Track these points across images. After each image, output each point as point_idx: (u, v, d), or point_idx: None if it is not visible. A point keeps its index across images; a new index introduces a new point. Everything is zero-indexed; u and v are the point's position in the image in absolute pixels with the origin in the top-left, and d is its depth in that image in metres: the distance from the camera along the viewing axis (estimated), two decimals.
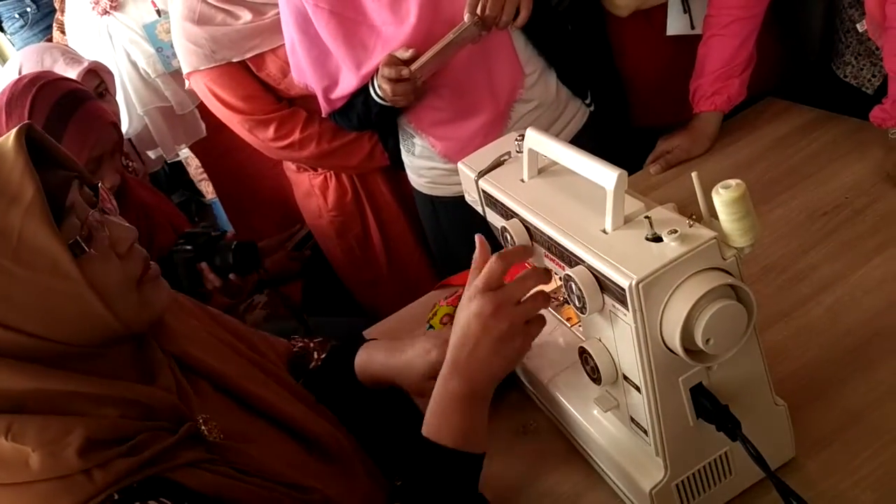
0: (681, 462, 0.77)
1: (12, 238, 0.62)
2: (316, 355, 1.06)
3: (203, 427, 0.73)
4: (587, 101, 1.49)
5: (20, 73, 1.68)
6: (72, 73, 1.60)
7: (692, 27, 1.51)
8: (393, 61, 1.26)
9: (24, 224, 0.62)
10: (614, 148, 1.34)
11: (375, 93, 1.34)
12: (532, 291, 0.81)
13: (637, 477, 0.80)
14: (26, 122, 0.69)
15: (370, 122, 1.44)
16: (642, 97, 1.66)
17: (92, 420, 0.66)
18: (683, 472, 0.78)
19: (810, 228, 1.16)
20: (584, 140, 1.48)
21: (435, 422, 0.80)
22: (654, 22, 1.55)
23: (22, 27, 2.65)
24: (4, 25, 2.69)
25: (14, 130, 0.66)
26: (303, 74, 1.43)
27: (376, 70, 1.31)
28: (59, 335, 0.66)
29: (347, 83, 1.36)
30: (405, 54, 1.26)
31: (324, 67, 1.37)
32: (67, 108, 1.31)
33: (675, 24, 1.53)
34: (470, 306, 0.79)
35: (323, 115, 1.51)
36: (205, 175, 2.43)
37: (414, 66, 1.25)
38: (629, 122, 1.71)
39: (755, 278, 1.10)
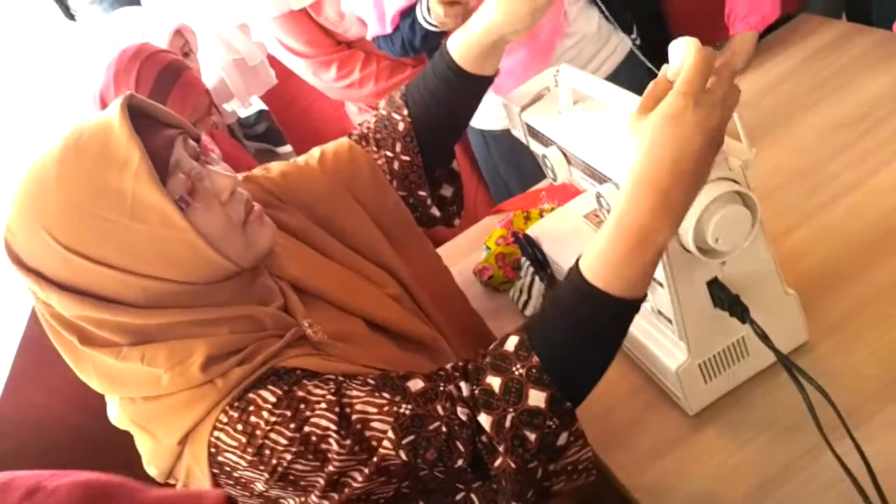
0: (701, 346, 0.90)
1: (127, 199, 0.70)
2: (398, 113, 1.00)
3: (309, 329, 0.81)
4: (633, 36, 1.55)
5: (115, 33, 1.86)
6: (162, 32, 1.76)
7: None
8: None
9: (136, 186, 0.70)
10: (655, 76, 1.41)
11: (424, 17, 1.44)
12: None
13: (665, 359, 0.93)
14: (129, 92, 0.76)
15: (413, 46, 1.50)
16: (682, 22, 1.72)
17: (209, 340, 0.75)
18: (704, 354, 0.91)
19: (834, 138, 1.24)
20: (626, 71, 1.56)
21: (608, 269, 0.70)
22: None
23: (91, 3, 2.77)
24: (70, 3, 2.80)
25: (118, 102, 0.73)
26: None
27: None
28: (179, 276, 0.74)
29: (396, 2, 1.44)
30: None
31: None
32: (169, 79, 1.46)
33: None
34: (686, 114, 0.66)
35: (368, 38, 1.58)
36: None
37: None
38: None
39: (780, 186, 1.19)
